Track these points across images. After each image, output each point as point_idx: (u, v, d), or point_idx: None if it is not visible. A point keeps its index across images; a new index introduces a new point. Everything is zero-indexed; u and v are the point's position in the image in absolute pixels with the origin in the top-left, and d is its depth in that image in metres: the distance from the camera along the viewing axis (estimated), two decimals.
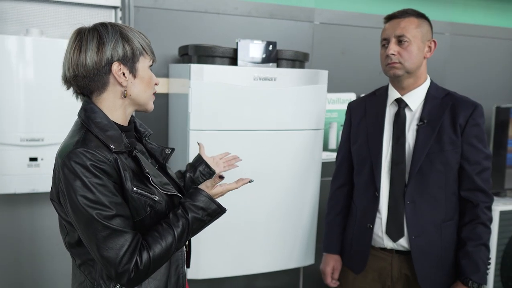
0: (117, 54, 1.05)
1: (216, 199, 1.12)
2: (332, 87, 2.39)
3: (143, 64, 1.09)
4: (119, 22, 2.11)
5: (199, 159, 1.44)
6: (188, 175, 1.41)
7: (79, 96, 1.12)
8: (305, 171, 1.93)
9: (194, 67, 1.69)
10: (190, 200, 1.09)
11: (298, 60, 1.91)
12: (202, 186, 1.13)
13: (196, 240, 1.71)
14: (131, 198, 1.03)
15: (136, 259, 0.99)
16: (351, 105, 1.70)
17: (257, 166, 1.82)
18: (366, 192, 1.57)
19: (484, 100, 2.78)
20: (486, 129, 2.51)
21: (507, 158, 2.55)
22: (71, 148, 1.00)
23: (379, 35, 1.58)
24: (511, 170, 2.57)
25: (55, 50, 1.86)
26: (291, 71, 1.84)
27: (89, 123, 1.05)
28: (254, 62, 1.81)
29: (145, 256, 1.01)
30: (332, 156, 2.43)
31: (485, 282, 1.46)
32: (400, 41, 1.46)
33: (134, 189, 1.03)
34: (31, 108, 1.85)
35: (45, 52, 1.86)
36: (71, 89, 1.12)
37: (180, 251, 1.16)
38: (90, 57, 1.03)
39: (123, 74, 1.06)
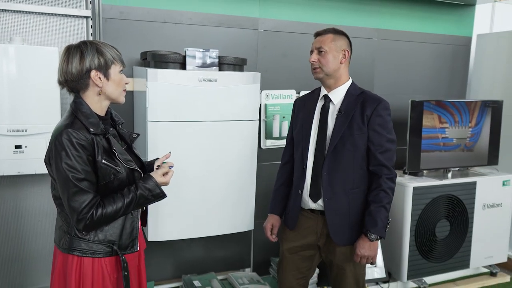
0: (94, 64, 1.41)
1: (161, 187, 1.50)
2: (275, 85, 2.71)
3: (114, 70, 1.45)
4: (90, 30, 2.43)
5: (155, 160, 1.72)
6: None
7: (71, 93, 1.48)
8: (244, 153, 2.30)
9: (150, 71, 2.04)
10: (143, 182, 1.48)
11: (238, 64, 2.27)
12: (154, 174, 1.51)
13: (155, 208, 2.05)
14: (100, 167, 1.40)
15: (92, 212, 1.37)
16: (296, 101, 2.09)
17: (205, 149, 2.19)
18: (298, 167, 1.94)
19: (405, 95, 3.23)
20: (403, 119, 2.93)
21: (422, 143, 2.88)
22: (63, 128, 1.37)
23: None
24: (425, 153, 2.91)
25: (34, 56, 2.14)
26: (230, 74, 2.20)
27: (77, 112, 1.42)
28: (200, 67, 2.16)
29: (99, 211, 1.38)
30: (276, 143, 2.76)
31: (383, 235, 1.81)
32: (320, 51, 1.87)
33: (103, 161, 1.40)
34: (16, 104, 2.12)
35: (26, 57, 2.13)
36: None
37: (136, 211, 1.52)
38: (74, 67, 1.40)
39: (99, 78, 1.42)
